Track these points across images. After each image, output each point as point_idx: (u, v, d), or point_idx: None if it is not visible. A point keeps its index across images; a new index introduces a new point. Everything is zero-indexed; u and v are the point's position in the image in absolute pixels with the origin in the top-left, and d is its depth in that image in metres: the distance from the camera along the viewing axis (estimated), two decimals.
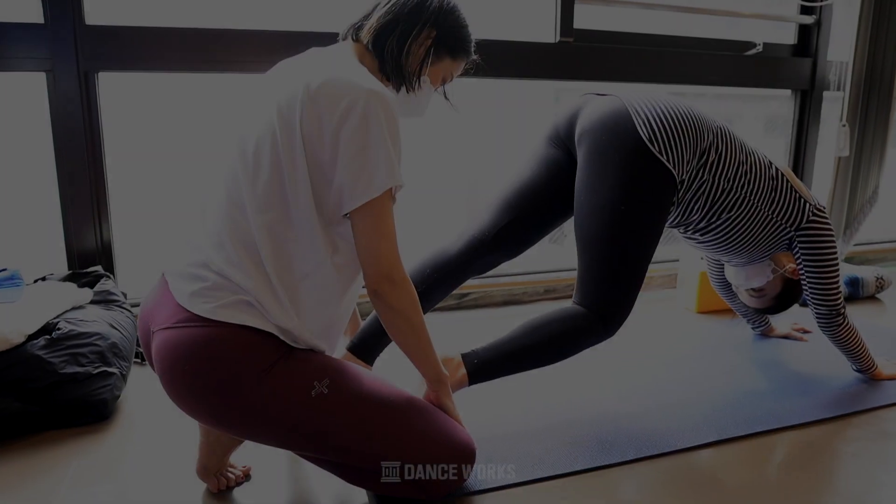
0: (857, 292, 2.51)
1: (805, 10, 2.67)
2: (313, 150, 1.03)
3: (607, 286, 1.42)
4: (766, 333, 2.11)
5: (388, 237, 1.06)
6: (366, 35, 1.17)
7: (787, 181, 1.60)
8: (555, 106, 2.96)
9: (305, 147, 1.02)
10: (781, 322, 2.13)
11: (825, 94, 2.80)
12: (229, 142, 1.11)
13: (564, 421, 1.51)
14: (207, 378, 1.00)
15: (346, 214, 1.05)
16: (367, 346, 1.43)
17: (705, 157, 1.44)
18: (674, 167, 1.40)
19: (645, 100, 1.44)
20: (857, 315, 2.12)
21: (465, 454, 1.15)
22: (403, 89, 1.19)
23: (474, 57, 1.27)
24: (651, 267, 2.59)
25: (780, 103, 2.99)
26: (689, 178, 1.45)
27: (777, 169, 1.59)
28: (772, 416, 1.52)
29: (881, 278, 2.55)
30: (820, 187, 2.83)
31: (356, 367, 1.14)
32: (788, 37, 2.76)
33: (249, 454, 1.28)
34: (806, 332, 2.11)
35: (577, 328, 1.40)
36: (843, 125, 2.64)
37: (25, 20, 1.81)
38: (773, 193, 1.56)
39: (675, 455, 1.36)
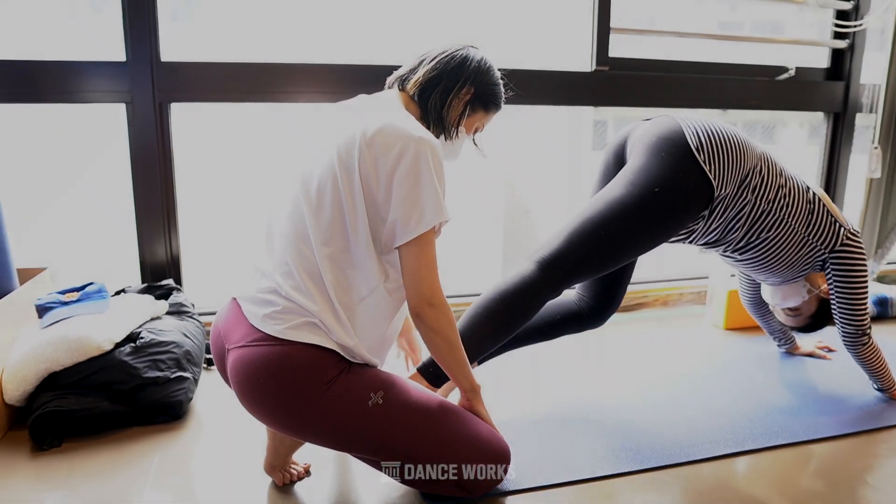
0: (886, 311, 2.55)
1: (838, 36, 2.73)
2: (370, 191, 1.18)
3: (567, 240, 1.51)
4: (791, 351, 2.19)
5: (431, 266, 1.20)
6: (412, 87, 1.32)
7: (824, 205, 1.70)
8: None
9: (363, 188, 1.18)
10: (806, 341, 2.20)
11: (858, 115, 2.84)
12: (292, 178, 1.27)
13: (587, 426, 1.63)
14: (279, 389, 1.16)
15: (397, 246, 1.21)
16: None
17: (748, 179, 1.57)
18: (714, 179, 1.51)
19: (696, 119, 1.59)
20: (884, 334, 2.19)
21: (503, 455, 1.29)
22: (443, 136, 1.34)
23: (503, 108, 1.43)
24: (681, 283, 2.73)
25: None
26: (731, 195, 1.56)
27: (814, 193, 1.70)
28: (787, 432, 1.62)
29: None
30: (852, 208, 2.88)
31: (403, 379, 1.29)
32: (821, 60, 2.82)
33: (308, 453, 1.44)
34: (830, 350, 2.18)
35: (510, 279, 1.50)
36: (876, 147, 2.69)
37: (111, 59, 2.03)
38: (809, 216, 1.67)
39: (693, 465, 1.47)
